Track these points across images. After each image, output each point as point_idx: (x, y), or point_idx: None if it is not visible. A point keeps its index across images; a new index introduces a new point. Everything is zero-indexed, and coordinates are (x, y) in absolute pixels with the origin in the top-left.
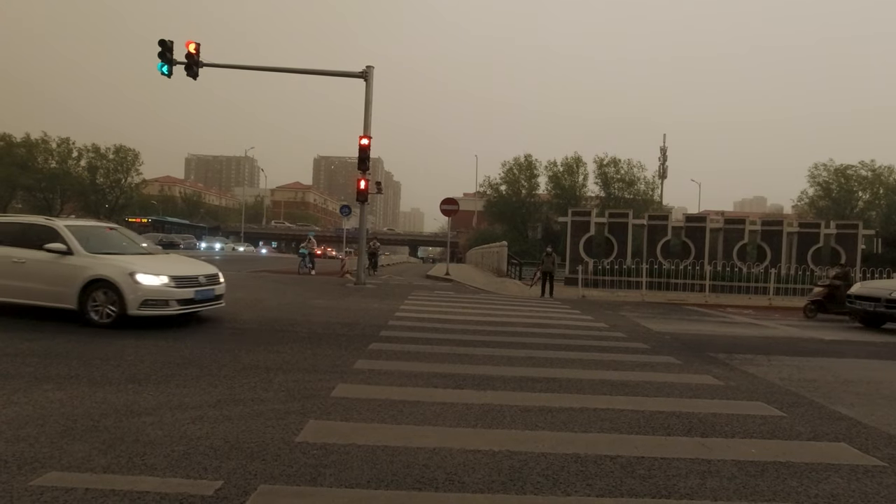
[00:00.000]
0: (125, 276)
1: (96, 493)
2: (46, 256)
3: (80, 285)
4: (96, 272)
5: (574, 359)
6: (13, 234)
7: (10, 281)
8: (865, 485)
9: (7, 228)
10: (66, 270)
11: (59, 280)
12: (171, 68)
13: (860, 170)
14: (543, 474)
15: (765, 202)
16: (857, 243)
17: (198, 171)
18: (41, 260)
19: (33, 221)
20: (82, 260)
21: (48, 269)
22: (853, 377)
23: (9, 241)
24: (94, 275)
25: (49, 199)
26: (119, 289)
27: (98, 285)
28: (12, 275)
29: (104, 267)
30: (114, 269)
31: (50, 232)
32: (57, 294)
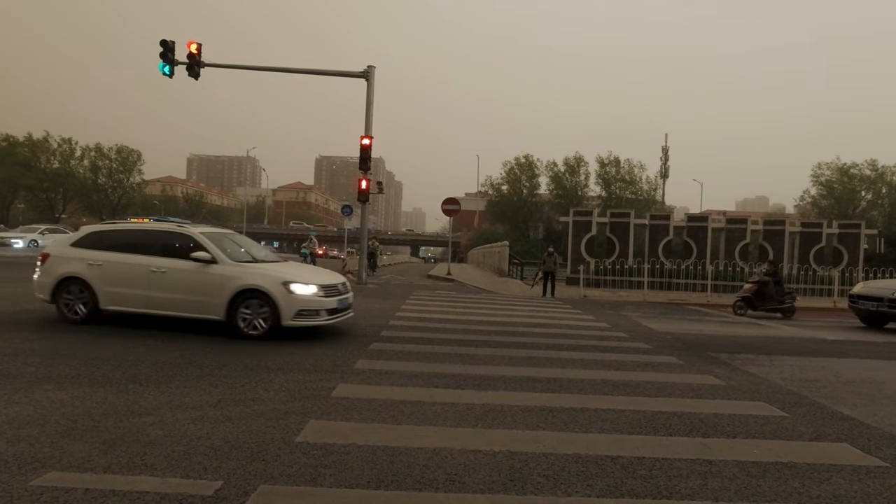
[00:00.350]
0: (279, 286)
1: (96, 494)
2: (189, 265)
3: (229, 296)
4: (247, 282)
5: (575, 359)
6: (148, 242)
7: (148, 291)
8: (868, 485)
9: (141, 236)
10: (213, 280)
11: (204, 290)
12: (172, 68)
13: (864, 169)
14: (544, 474)
15: (767, 202)
16: (860, 243)
17: (200, 171)
18: (184, 269)
19: (169, 229)
20: (229, 269)
21: (192, 278)
22: (855, 377)
23: (143, 250)
24: (246, 284)
25: (51, 199)
26: (273, 299)
27: (248, 295)
28: (151, 285)
29: (255, 276)
30: (266, 278)
31: (187, 239)
32: (202, 305)
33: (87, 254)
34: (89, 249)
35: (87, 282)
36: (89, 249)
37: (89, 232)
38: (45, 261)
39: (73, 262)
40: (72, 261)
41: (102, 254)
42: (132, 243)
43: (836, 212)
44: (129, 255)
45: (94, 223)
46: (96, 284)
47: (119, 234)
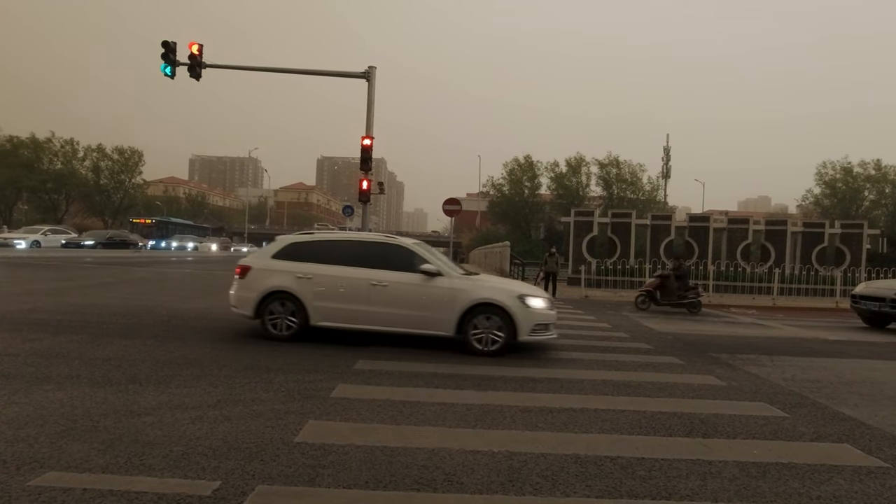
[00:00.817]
0: (514, 300)
1: (94, 494)
2: (413, 279)
3: (460, 310)
4: (481, 296)
5: (576, 359)
6: (358, 253)
7: (367, 306)
8: (868, 486)
9: (350, 247)
10: (442, 294)
11: (431, 305)
12: (174, 69)
13: (870, 169)
14: (542, 475)
15: (769, 202)
16: (862, 243)
17: (202, 172)
18: (407, 283)
19: (380, 239)
20: (457, 282)
21: (417, 292)
22: (857, 378)
23: (354, 262)
24: (480, 298)
25: (54, 200)
26: (510, 313)
27: (480, 310)
28: (370, 299)
29: (488, 290)
30: (499, 291)
31: (402, 250)
32: (428, 320)
33: (292, 266)
34: (293, 261)
35: (296, 296)
36: (293, 261)
37: (290, 242)
38: (246, 274)
39: (280, 275)
40: (277, 274)
41: (310, 266)
42: (339, 255)
43: (838, 212)
44: (341, 268)
45: (96, 224)
46: (307, 299)
47: (324, 245)
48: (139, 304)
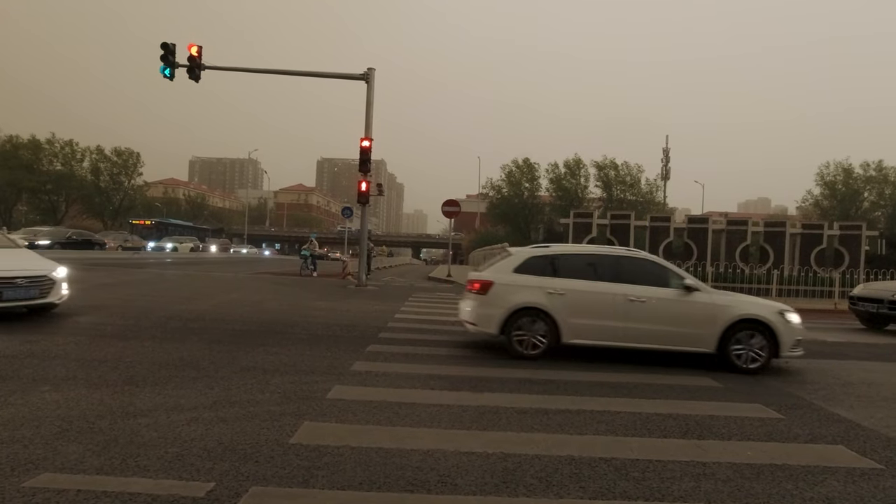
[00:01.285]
0: (776, 315)
1: (88, 495)
2: (670, 294)
3: (723, 326)
4: (744, 311)
5: (572, 360)
6: (606, 267)
7: (624, 323)
8: (861, 488)
9: (597, 261)
10: (702, 310)
11: (691, 321)
12: (173, 71)
13: (871, 170)
14: (537, 476)
15: (769, 203)
16: (861, 244)
17: (201, 174)
18: (666, 298)
19: (626, 253)
20: (717, 297)
21: (676, 308)
22: (854, 379)
23: (603, 276)
24: (743, 314)
25: (54, 201)
26: (774, 330)
27: (741, 326)
28: (627, 315)
29: (748, 305)
30: (759, 306)
31: (652, 264)
32: (690, 337)
33: (540, 281)
34: (537, 276)
35: (548, 313)
36: (537, 276)
37: (531, 256)
38: (488, 290)
39: (528, 290)
40: (525, 289)
41: (560, 281)
42: (587, 269)
43: (837, 213)
44: (594, 283)
45: (96, 226)
46: (559, 316)
47: (570, 258)
48: (137, 305)
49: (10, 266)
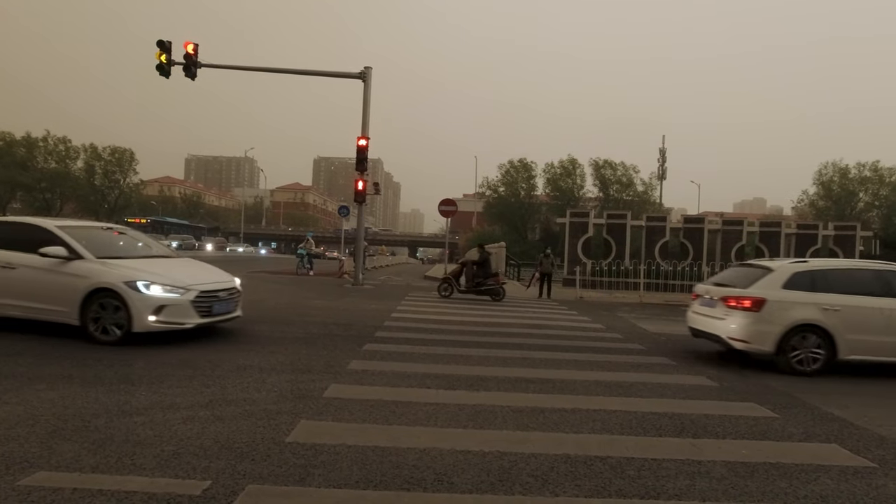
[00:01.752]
0: None
1: (84, 493)
2: None
3: None
4: None
5: (569, 360)
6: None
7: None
8: (854, 486)
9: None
10: None
11: None
12: (169, 69)
13: (866, 170)
14: (533, 475)
15: (765, 203)
16: (856, 245)
17: (197, 172)
18: None
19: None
20: None
21: None
22: (847, 378)
23: (875, 291)
24: None
25: (48, 199)
26: None
27: None
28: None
29: None
30: None
31: None
32: None
33: (811, 297)
34: (805, 291)
35: (826, 330)
36: (805, 291)
37: (797, 272)
38: (762, 306)
39: (803, 307)
40: (800, 306)
41: (831, 297)
42: (853, 283)
43: (833, 213)
44: (865, 298)
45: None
46: (836, 332)
47: (835, 272)
48: None
49: (208, 278)
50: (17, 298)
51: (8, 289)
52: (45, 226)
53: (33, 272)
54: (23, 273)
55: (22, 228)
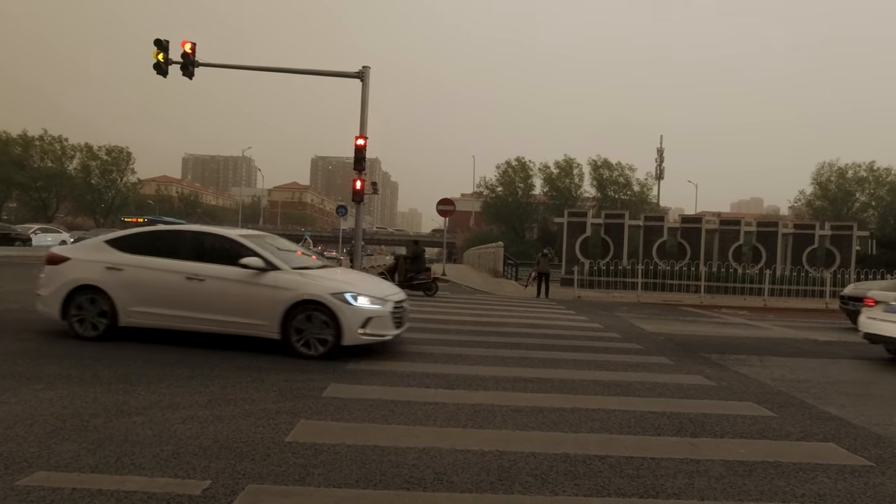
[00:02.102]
0: None
1: (83, 493)
2: None
3: None
4: None
5: (567, 359)
6: None
7: None
8: (852, 484)
9: None
10: None
11: None
12: (166, 67)
13: (862, 171)
14: (532, 474)
15: (762, 203)
16: (852, 244)
17: (195, 171)
18: None
19: None
20: None
21: None
22: (844, 378)
23: None
24: None
25: (45, 198)
26: None
27: None
28: None
29: None
30: None
31: None
32: None
33: None
34: None
35: None
36: None
37: None
38: None
39: None
40: None
41: None
42: None
43: (829, 213)
44: None
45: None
46: None
47: None
48: None
49: (390, 289)
50: (208, 312)
51: (197, 302)
52: (229, 235)
53: (225, 284)
54: (213, 285)
55: (203, 238)
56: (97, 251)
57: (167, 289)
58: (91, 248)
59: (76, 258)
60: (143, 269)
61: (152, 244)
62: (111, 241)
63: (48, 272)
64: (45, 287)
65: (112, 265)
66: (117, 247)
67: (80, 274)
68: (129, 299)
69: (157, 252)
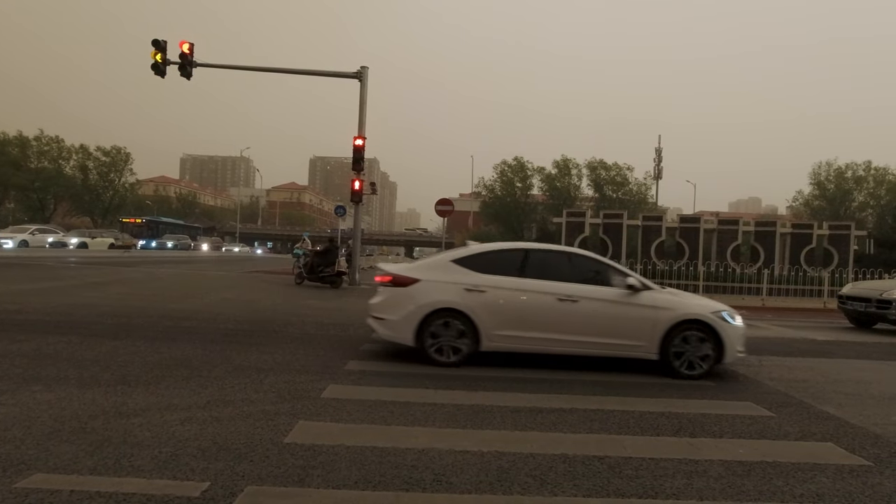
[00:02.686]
0: None
1: (82, 495)
2: None
3: None
4: None
5: (566, 359)
6: None
7: None
8: (850, 484)
9: None
10: None
11: None
12: (164, 68)
13: (859, 170)
14: (531, 475)
15: (759, 203)
16: (850, 244)
17: (193, 171)
18: None
19: None
20: None
21: None
22: (843, 377)
23: None
24: None
25: (42, 199)
26: None
27: None
28: None
29: None
30: None
31: None
32: None
33: None
34: None
35: None
36: None
37: None
38: None
39: None
40: None
41: None
42: None
43: (827, 213)
44: None
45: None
46: None
47: None
48: (129, 304)
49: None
50: (581, 334)
51: (570, 324)
52: (592, 255)
53: (600, 305)
54: (587, 306)
55: (562, 257)
56: (447, 272)
57: (537, 311)
58: (438, 268)
59: (427, 279)
60: (508, 291)
61: (507, 263)
62: (459, 260)
63: (394, 295)
64: (392, 311)
65: (472, 287)
66: (469, 266)
67: (438, 297)
68: (494, 322)
69: (513, 272)
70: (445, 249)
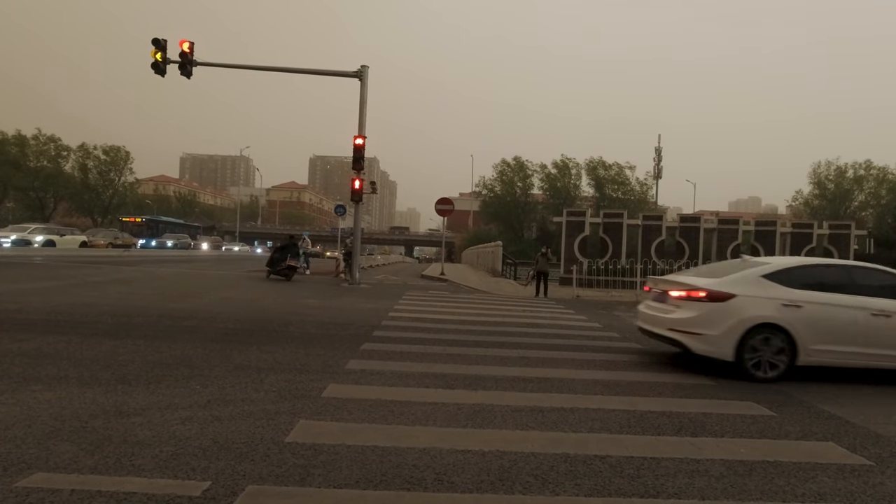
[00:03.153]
0: None
1: (82, 495)
2: None
3: None
4: None
5: (566, 358)
6: None
7: None
8: (851, 484)
9: None
10: None
11: None
12: (164, 67)
13: (859, 170)
14: (532, 474)
15: (759, 202)
16: (850, 244)
17: (193, 171)
18: None
19: None
20: None
21: None
22: (843, 376)
23: None
24: None
25: (42, 198)
26: None
27: None
28: None
29: None
30: None
31: None
32: None
33: None
34: None
35: None
36: None
37: None
38: None
39: None
40: None
41: None
42: None
43: (827, 212)
44: None
45: (85, 223)
46: None
47: None
48: (129, 303)
49: None
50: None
51: (887, 340)
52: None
53: None
54: None
55: (872, 274)
56: (760, 287)
57: (851, 326)
58: (749, 283)
59: (743, 294)
60: (823, 306)
61: (817, 278)
62: (770, 275)
63: (711, 310)
64: (711, 326)
65: (788, 302)
66: (780, 282)
67: (757, 312)
68: (810, 337)
69: (825, 287)
70: (445, 249)
